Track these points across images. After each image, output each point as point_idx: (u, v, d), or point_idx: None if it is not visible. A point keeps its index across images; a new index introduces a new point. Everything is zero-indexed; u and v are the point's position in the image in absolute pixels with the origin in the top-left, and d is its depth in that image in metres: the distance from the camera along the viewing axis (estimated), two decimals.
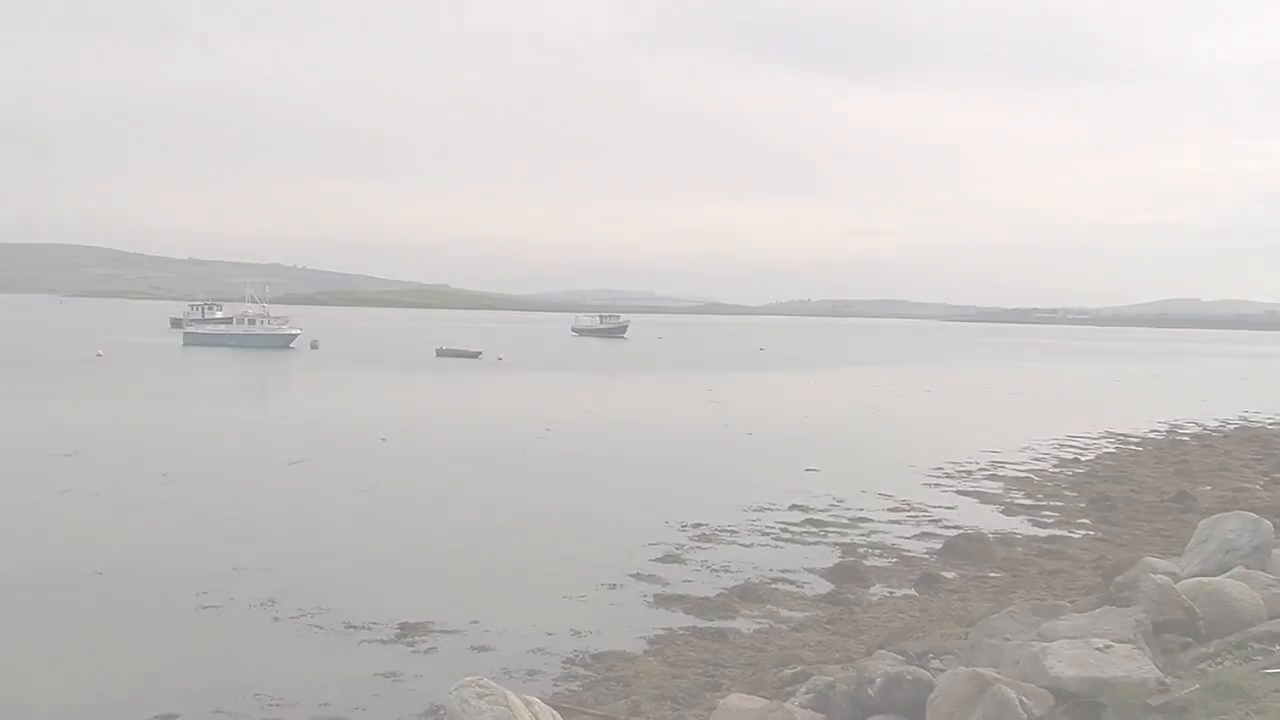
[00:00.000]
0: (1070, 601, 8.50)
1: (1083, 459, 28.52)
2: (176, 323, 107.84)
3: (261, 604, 13.11)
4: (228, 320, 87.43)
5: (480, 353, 74.29)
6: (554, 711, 5.98)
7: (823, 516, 19.61)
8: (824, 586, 14.55)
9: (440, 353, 74.62)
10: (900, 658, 7.88)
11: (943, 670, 6.64)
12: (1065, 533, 18.61)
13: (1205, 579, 7.22)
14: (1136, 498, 21.84)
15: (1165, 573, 7.69)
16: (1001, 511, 20.76)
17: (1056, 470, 26.33)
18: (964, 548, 16.57)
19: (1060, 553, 16.62)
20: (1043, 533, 18.58)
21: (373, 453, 26.39)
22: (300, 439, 28.40)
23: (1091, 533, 18.63)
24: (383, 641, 11.87)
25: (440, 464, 24.98)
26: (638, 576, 14.96)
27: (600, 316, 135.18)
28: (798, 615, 13.08)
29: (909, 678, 6.15)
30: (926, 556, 16.52)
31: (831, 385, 56.82)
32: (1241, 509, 9.63)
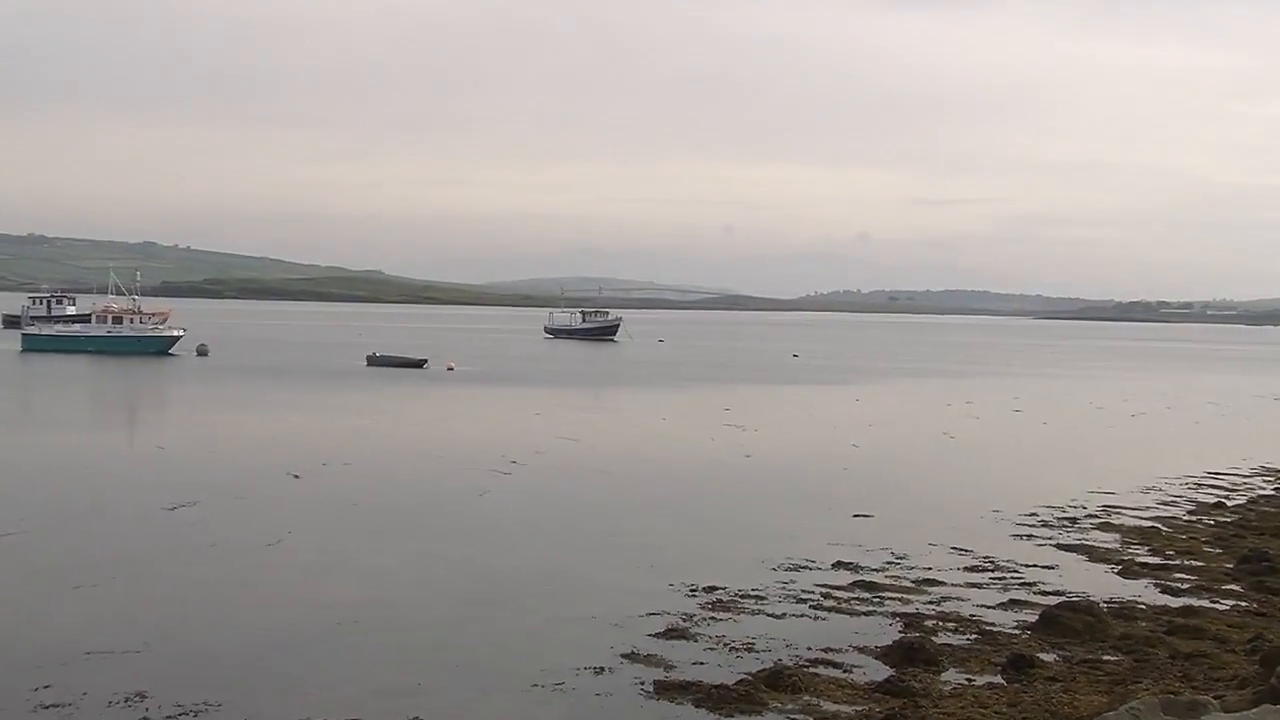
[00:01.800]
0: (1216, 696, 8.45)
1: (1230, 503, 28.56)
2: (12, 320, 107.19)
3: (126, 700, 13.00)
4: (84, 318, 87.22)
5: (425, 361, 74.60)
6: None
7: (877, 577, 19.63)
8: (879, 671, 14.53)
9: (372, 361, 74.90)
10: None
11: None
12: (1206, 603, 18.57)
13: None
14: None
15: None
16: (1118, 572, 20.76)
17: (1193, 518, 26.36)
18: (1068, 621, 16.51)
19: (1200, 630, 16.55)
20: (1175, 602, 18.56)
21: (281, 495, 26.43)
22: (183, 477, 28.41)
23: (1243, 603, 18.58)
24: None
25: (371, 510, 25.00)
26: (633, 657, 14.95)
27: (583, 313, 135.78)
28: (845, 710, 13.06)
29: None
30: (1017, 632, 16.51)
31: (888, 403, 57.01)
32: None
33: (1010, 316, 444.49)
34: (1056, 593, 18.84)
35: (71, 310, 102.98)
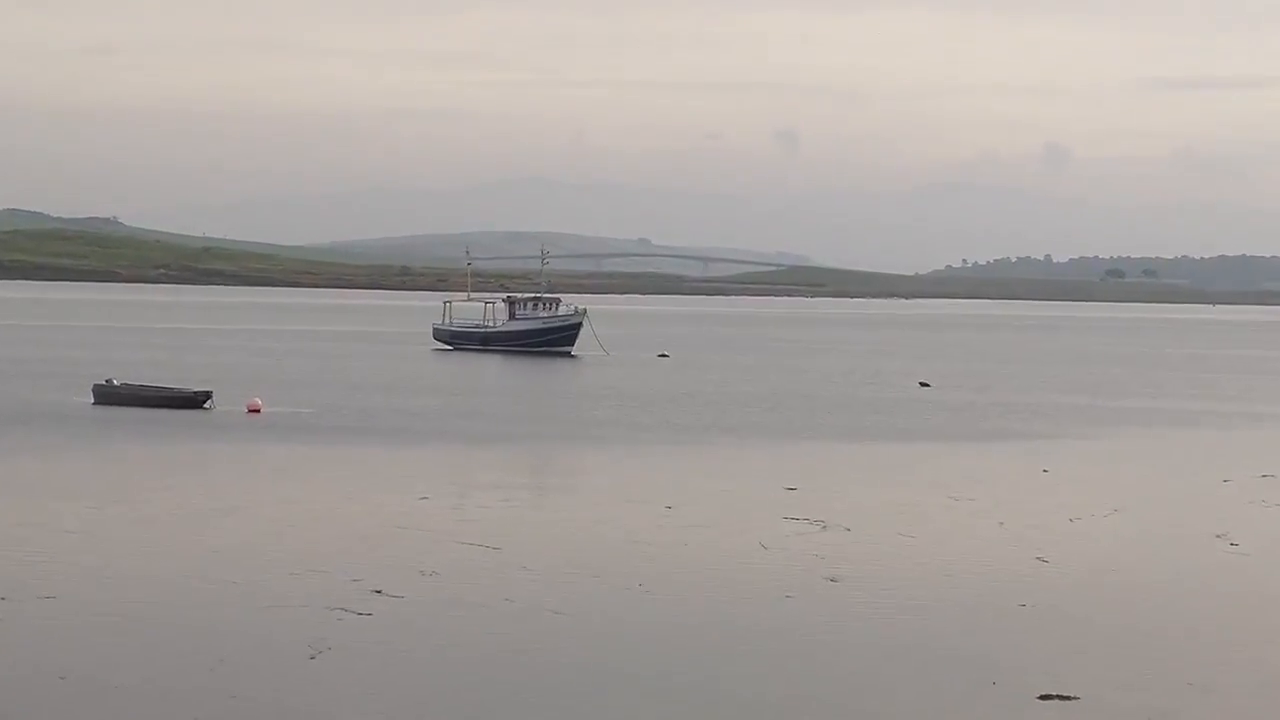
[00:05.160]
0: None
1: None
2: None
3: None
4: None
5: (208, 395, 74.26)
6: None
7: None
8: None
9: (105, 396, 75.04)
10: None
11: None
12: None
13: None
14: None
15: None
16: None
17: None
18: None
19: None
20: None
21: None
22: None
23: None
24: None
25: (94, 687, 24.66)
26: None
27: (509, 301, 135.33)
28: None
29: None
30: None
31: (1106, 477, 56.86)
32: None
33: None
34: None
35: None
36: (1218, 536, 42.51)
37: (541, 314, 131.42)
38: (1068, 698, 25.20)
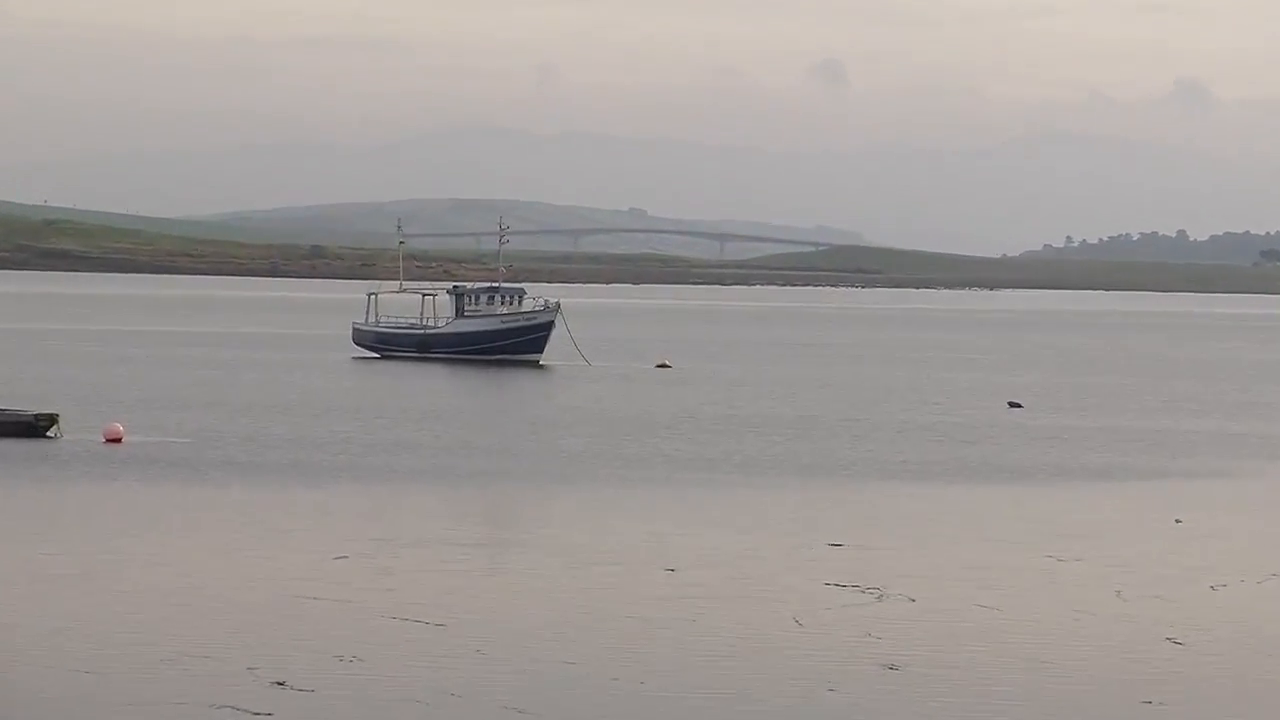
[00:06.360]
0: None
1: None
2: None
3: None
4: None
5: (51, 420, 74.38)
6: None
7: None
8: None
9: None
10: None
11: None
12: None
13: None
14: None
15: None
16: None
17: None
18: None
19: None
20: None
21: None
22: None
23: None
24: None
25: None
26: None
27: (456, 291, 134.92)
28: None
29: None
30: None
31: (1256, 528, 57.24)
32: None
33: None
34: None
35: None
36: None
37: (499, 310, 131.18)
38: None
